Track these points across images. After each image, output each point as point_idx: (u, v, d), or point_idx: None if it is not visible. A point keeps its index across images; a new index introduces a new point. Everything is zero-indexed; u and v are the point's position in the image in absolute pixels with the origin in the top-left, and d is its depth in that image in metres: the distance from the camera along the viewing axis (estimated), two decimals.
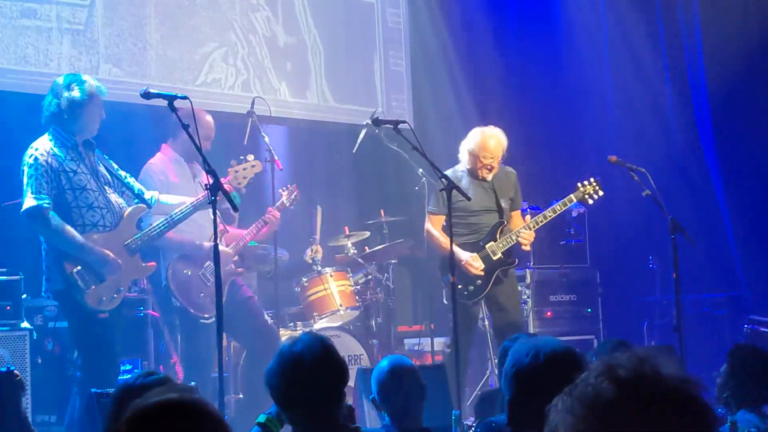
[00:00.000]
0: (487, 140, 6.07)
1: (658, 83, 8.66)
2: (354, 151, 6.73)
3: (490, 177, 6.12)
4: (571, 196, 6.26)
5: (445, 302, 6.52)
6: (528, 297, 7.82)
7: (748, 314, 7.34)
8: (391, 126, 5.60)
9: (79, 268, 4.94)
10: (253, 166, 5.52)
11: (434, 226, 6.25)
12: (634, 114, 8.73)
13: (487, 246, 6.09)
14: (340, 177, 8.41)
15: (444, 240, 6.15)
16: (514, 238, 6.12)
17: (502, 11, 9.39)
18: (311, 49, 8.42)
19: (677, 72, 8.51)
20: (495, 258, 6.08)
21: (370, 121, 5.94)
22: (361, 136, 6.51)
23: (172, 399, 1.57)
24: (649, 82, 8.68)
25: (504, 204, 6.19)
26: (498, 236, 6.14)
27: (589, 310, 8.07)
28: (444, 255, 6.19)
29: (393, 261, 7.38)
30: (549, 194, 6.71)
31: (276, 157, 6.12)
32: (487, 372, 6.62)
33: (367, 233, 7.45)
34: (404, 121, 5.77)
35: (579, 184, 6.30)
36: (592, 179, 6.30)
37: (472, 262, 6.04)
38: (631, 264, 8.49)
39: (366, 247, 7.43)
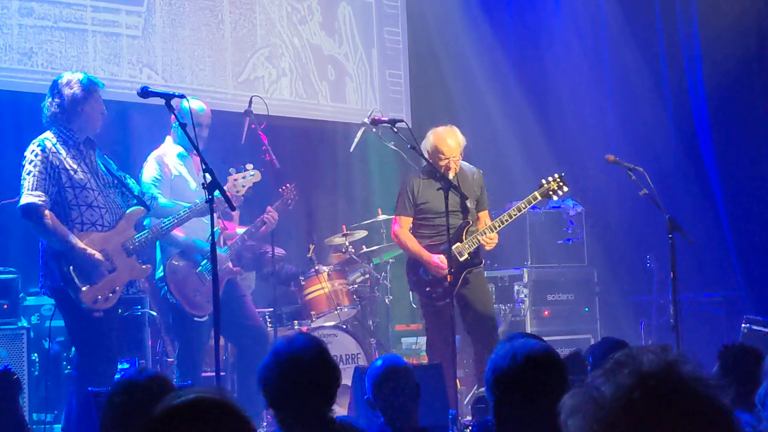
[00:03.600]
0: (443, 141, 5.98)
1: (655, 83, 8.67)
2: (351, 150, 6.74)
3: (451, 175, 5.97)
4: (536, 193, 6.15)
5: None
6: (525, 296, 7.82)
7: (746, 314, 7.34)
8: (389, 125, 5.59)
9: (74, 266, 4.94)
10: (252, 175, 5.52)
11: (403, 228, 6.19)
12: (632, 114, 8.74)
13: (453, 247, 6.01)
14: (338, 176, 8.42)
15: (415, 242, 6.12)
16: (478, 239, 6.09)
17: (501, 13, 9.40)
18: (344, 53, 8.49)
19: (675, 72, 8.51)
20: (462, 259, 5.97)
21: (367, 120, 5.93)
22: (359, 135, 6.51)
23: (205, 398, 1.57)
24: (647, 82, 8.69)
25: (469, 204, 6.12)
26: (464, 237, 6.06)
27: (587, 309, 8.08)
28: (413, 257, 6.18)
29: (390, 260, 7.39)
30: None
31: (273, 156, 6.12)
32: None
33: (365, 232, 7.45)
34: (401, 120, 5.76)
35: (543, 181, 6.20)
36: (556, 175, 6.20)
37: (440, 262, 6.02)
38: (629, 263, 8.49)
39: (363, 246, 7.43)
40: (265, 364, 2.89)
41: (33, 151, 4.96)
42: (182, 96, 4.76)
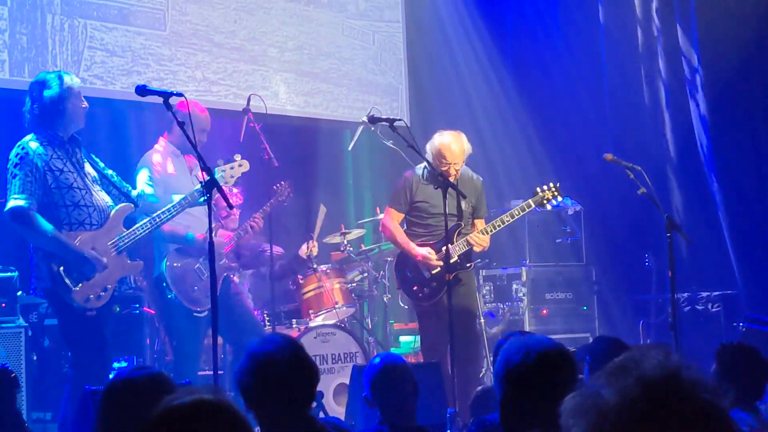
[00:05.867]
0: (447, 146, 5.97)
1: (654, 81, 8.66)
2: (350, 149, 6.73)
3: (451, 179, 5.90)
4: (530, 201, 6.17)
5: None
6: (524, 295, 7.82)
7: (744, 312, 7.34)
8: (387, 124, 5.59)
9: (64, 266, 4.93)
10: (240, 165, 5.51)
11: (393, 220, 6.21)
12: (630, 112, 8.73)
13: (443, 248, 5.99)
14: (337, 175, 8.42)
15: (403, 234, 6.14)
16: (468, 241, 6.05)
17: (500, 12, 9.40)
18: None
19: (673, 70, 8.51)
20: (451, 261, 5.88)
21: (366, 119, 5.92)
22: (357, 134, 6.51)
23: (205, 399, 1.56)
24: (645, 80, 8.68)
25: (464, 206, 6.10)
26: (455, 239, 6.05)
27: (585, 308, 8.08)
28: (400, 248, 6.20)
29: (389, 258, 7.38)
30: None
31: (272, 155, 6.11)
32: (483, 370, 6.62)
33: (363, 231, 7.45)
34: (400, 119, 5.76)
35: (538, 189, 6.22)
36: (551, 184, 6.23)
37: (429, 255, 6.01)
38: (627, 262, 8.49)
39: (362, 245, 7.43)
40: (240, 365, 2.88)
41: (17, 154, 4.95)
42: (180, 94, 4.76)
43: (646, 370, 1.26)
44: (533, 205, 6.20)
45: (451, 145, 5.99)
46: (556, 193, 6.21)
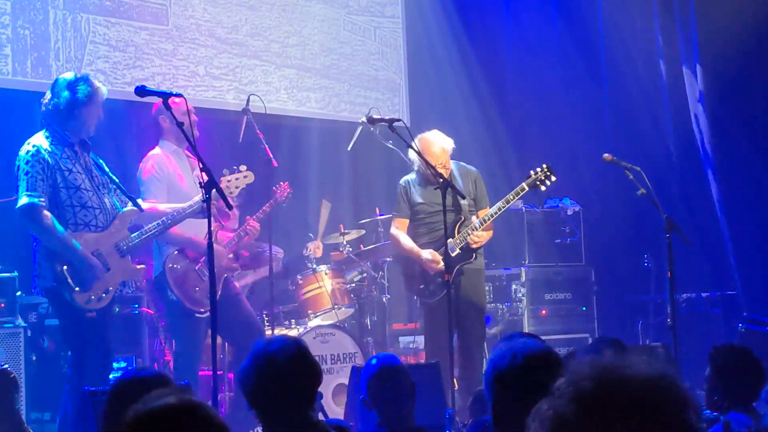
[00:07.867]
0: (427, 149, 6.01)
1: (653, 81, 8.67)
2: (349, 149, 6.73)
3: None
4: (523, 184, 6.20)
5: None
6: (523, 295, 7.83)
7: (743, 313, 7.35)
8: (386, 124, 5.59)
9: (68, 266, 4.93)
10: (245, 176, 5.52)
11: (398, 228, 6.29)
12: (629, 112, 8.74)
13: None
14: (336, 175, 8.41)
15: (408, 240, 6.20)
16: (466, 236, 6.09)
17: (499, 13, 9.40)
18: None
19: (672, 69, 8.51)
20: (453, 255, 5.98)
21: (365, 119, 5.92)
22: (357, 134, 6.51)
23: (172, 403, 1.57)
24: (644, 80, 8.68)
25: (464, 202, 6.13)
26: (456, 233, 6.11)
27: (584, 308, 8.08)
28: (406, 254, 6.25)
29: (388, 259, 7.38)
30: (545, 192, 6.69)
31: (271, 155, 6.12)
32: (483, 370, 6.62)
33: (363, 231, 7.45)
34: (399, 119, 5.76)
35: (531, 171, 6.23)
36: (544, 165, 6.22)
37: (430, 256, 6.05)
38: (626, 262, 8.50)
39: (361, 245, 7.43)
40: (244, 365, 2.91)
41: (28, 151, 4.95)
42: (179, 95, 4.76)
43: (575, 373, 1.31)
44: (527, 188, 6.21)
45: (431, 147, 6.07)
46: (548, 173, 6.21)
